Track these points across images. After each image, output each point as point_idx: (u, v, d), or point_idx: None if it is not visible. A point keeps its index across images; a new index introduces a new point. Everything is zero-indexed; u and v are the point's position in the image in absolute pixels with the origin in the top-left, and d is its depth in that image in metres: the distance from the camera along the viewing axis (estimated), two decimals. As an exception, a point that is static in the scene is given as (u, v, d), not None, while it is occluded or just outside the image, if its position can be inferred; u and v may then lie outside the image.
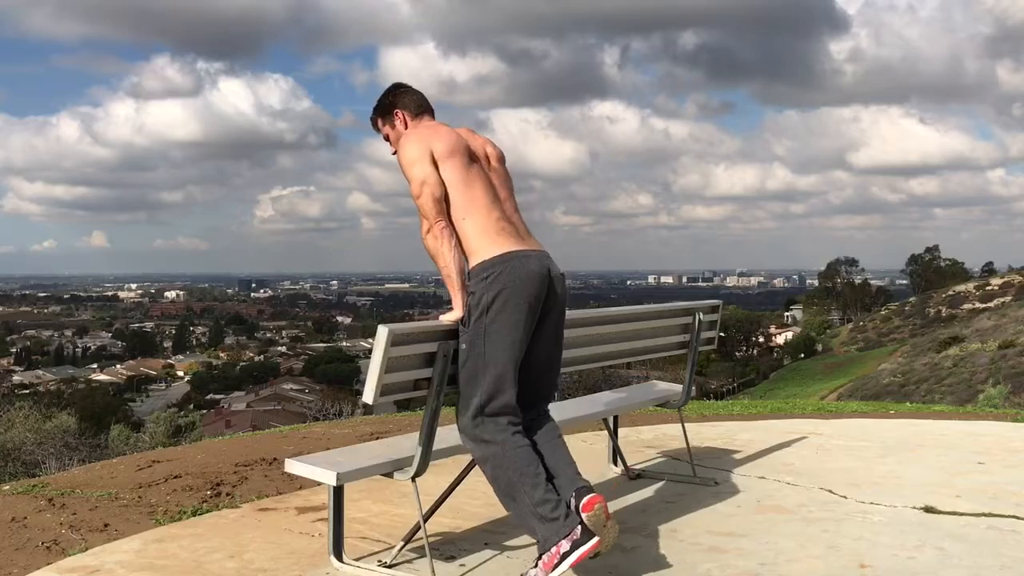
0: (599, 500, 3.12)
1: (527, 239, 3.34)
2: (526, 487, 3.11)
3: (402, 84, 3.58)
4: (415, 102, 3.50)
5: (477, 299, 3.18)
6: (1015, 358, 34.47)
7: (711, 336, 4.83)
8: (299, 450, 5.41)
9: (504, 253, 3.21)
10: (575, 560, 3.01)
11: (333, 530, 3.41)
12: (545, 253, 3.35)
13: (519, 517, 3.17)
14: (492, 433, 3.18)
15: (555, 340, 3.41)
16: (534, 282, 3.22)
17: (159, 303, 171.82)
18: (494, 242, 3.24)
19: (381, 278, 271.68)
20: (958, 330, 53.33)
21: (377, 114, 3.55)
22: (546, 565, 3.04)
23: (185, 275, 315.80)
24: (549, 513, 3.07)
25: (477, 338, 3.17)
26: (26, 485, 4.82)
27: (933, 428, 6.46)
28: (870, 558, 3.51)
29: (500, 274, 3.18)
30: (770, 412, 7.56)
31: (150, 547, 3.69)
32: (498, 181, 3.42)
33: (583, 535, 3.03)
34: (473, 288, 3.20)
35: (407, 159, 3.31)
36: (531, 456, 3.17)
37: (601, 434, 5.67)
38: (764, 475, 4.87)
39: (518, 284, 3.18)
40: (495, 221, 3.28)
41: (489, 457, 3.18)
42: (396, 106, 3.49)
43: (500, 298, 3.16)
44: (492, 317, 3.16)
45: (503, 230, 3.27)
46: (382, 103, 3.53)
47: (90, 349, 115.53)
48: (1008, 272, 79.17)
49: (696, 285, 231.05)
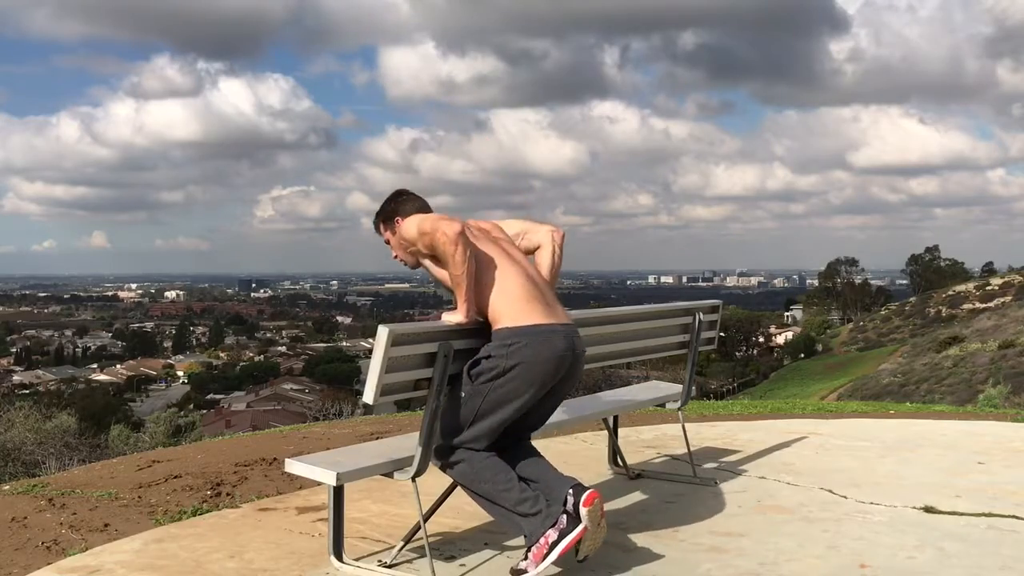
0: (597, 496, 3.17)
1: (555, 309, 3.33)
2: (501, 492, 3.20)
3: (404, 191, 3.57)
4: (416, 207, 3.50)
5: (493, 363, 3.19)
6: (1015, 358, 34.46)
7: (711, 336, 4.83)
8: (299, 450, 5.41)
9: (531, 325, 3.21)
10: (564, 548, 3.08)
11: (333, 530, 3.41)
12: (573, 329, 3.34)
13: (503, 519, 3.26)
14: (458, 456, 3.27)
15: (560, 399, 3.47)
16: (554, 362, 3.23)
17: (159, 303, 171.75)
18: (523, 310, 3.23)
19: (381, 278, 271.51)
20: (958, 330, 53.32)
21: (379, 219, 3.56)
22: (536, 556, 3.12)
23: (185, 275, 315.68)
24: (530, 510, 3.16)
25: (478, 395, 3.22)
26: (26, 485, 4.82)
27: (933, 428, 6.46)
28: (870, 558, 3.51)
29: (523, 347, 3.19)
30: (770, 412, 7.56)
31: (150, 547, 3.69)
32: (509, 247, 3.44)
33: (569, 524, 3.10)
34: (492, 351, 3.21)
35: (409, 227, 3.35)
36: (498, 464, 3.26)
37: (601, 434, 5.67)
38: (764, 475, 4.87)
39: (538, 362, 3.20)
40: (522, 285, 3.28)
41: (462, 476, 3.28)
42: (398, 213, 3.49)
43: (516, 371, 3.18)
44: (501, 384, 3.19)
45: (533, 298, 3.28)
46: (385, 209, 3.54)
47: (90, 349, 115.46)
48: (1008, 272, 79.14)
49: (696, 285, 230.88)
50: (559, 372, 3.27)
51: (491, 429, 3.24)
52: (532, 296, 3.28)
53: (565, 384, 3.37)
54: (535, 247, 3.61)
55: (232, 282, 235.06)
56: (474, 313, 3.26)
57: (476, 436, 3.25)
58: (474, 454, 3.25)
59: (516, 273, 3.30)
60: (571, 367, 3.31)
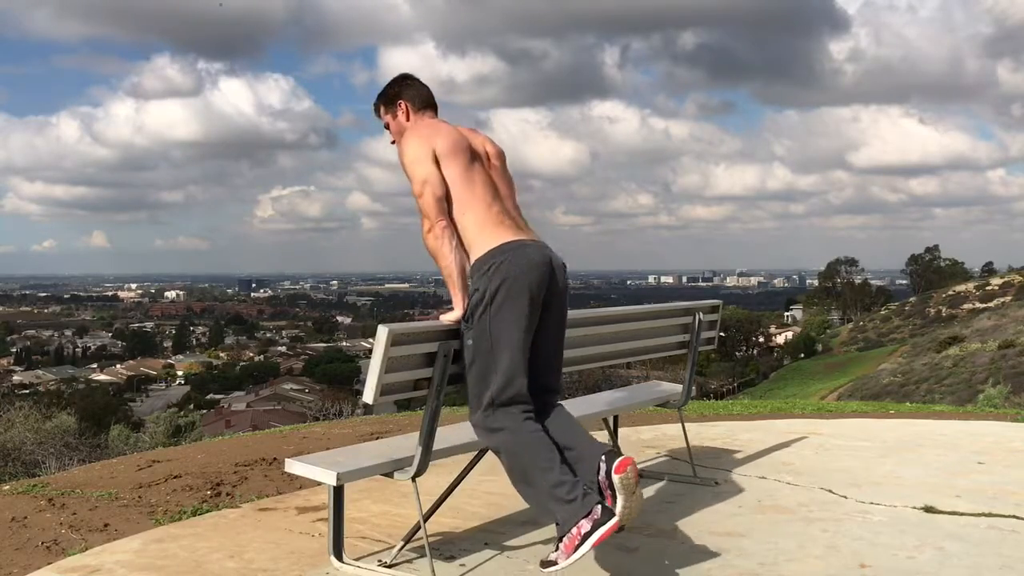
0: (630, 462, 3.08)
1: (526, 231, 3.34)
2: (541, 471, 3.07)
3: (409, 75, 3.56)
4: (420, 96, 3.49)
5: (481, 293, 3.16)
6: (1015, 358, 34.45)
7: (711, 336, 4.83)
8: (299, 450, 5.41)
9: (503, 243, 3.22)
10: (597, 540, 2.94)
11: (333, 530, 3.41)
12: (544, 244, 3.34)
13: (536, 501, 3.13)
14: (503, 421, 3.15)
15: (558, 329, 3.39)
16: (535, 270, 3.21)
17: (159, 303, 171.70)
18: (493, 234, 3.24)
19: (381, 278, 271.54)
20: (958, 330, 53.33)
21: (380, 102, 3.54)
22: (567, 547, 2.98)
23: (185, 275, 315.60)
24: (566, 495, 3.02)
25: (483, 332, 3.16)
26: (26, 485, 4.81)
27: (933, 428, 6.46)
28: (870, 558, 3.51)
29: (501, 264, 3.18)
30: (770, 412, 7.56)
31: (150, 547, 3.69)
32: (498, 178, 3.42)
33: (603, 514, 2.97)
34: (475, 283, 3.19)
35: (409, 158, 3.30)
36: (544, 441, 3.15)
37: (601, 434, 5.66)
38: (764, 475, 4.87)
39: (519, 273, 3.18)
40: (495, 215, 3.28)
41: (502, 444, 3.16)
42: (400, 97, 3.48)
43: (503, 289, 3.15)
44: (496, 309, 3.15)
45: (502, 223, 3.28)
46: (387, 92, 3.52)
47: (90, 349, 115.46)
48: (1008, 272, 79.13)
49: (696, 285, 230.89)
50: (543, 280, 3.23)
51: (514, 359, 3.15)
52: (501, 220, 3.28)
53: (555, 299, 3.31)
54: None
55: (232, 282, 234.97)
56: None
57: (507, 375, 3.14)
58: (520, 423, 3.15)
59: (493, 204, 3.30)
60: (553, 278, 3.28)
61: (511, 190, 3.48)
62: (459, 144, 3.32)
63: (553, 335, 3.37)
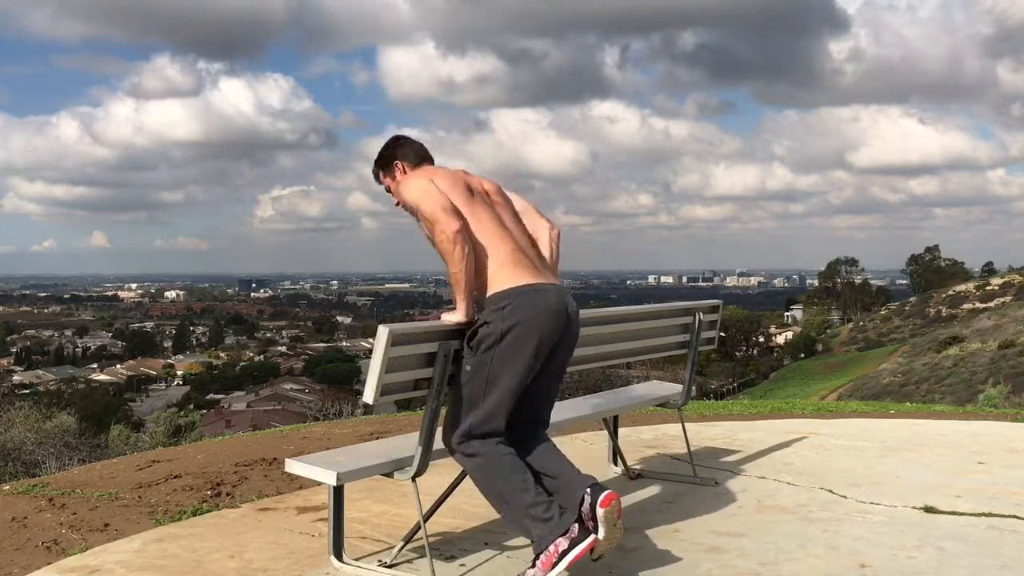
0: (615, 497, 3.13)
1: (544, 271, 3.32)
2: (516, 492, 3.14)
3: (402, 136, 3.58)
4: (414, 152, 3.50)
5: (490, 329, 3.16)
6: (1015, 358, 34.47)
7: (711, 336, 4.83)
8: (299, 450, 5.41)
9: (522, 285, 3.20)
10: (574, 557, 3.02)
11: (333, 530, 3.41)
12: (563, 287, 3.33)
13: (512, 520, 3.20)
14: (477, 448, 3.21)
15: (561, 370, 3.43)
16: (551, 318, 3.21)
17: (159, 303, 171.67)
18: (512, 273, 3.22)
19: (381, 278, 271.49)
20: (958, 330, 53.35)
21: (378, 167, 3.55)
22: (544, 564, 3.05)
23: (185, 275, 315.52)
24: (542, 514, 3.09)
25: (483, 366, 3.18)
26: (26, 485, 4.81)
27: (933, 428, 6.46)
28: (870, 558, 3.51)
29: (517, 307, 3.17)
30: (770, 412, 7.56)
31: (150, 547, 3.69)
32: (503, 212, 3.41)
33: (580, 533, 3.05)
34: (487, 318, 3.18)
35: (414, 194, 3.30)
36: (516, 463, 3.21)
37: (601, 434, 5.67)
38: (764, 475, 4.87)
39: (534, 319, 3.18)
40: (510, 252, 3.26)
41: (475, 468, 3.23)
42: (395, 158, 3.48)
43: (514, 331, 3.15)
44: (502, 349, 3.16)
45: (520, 261, 3.26)
46: (382, 155, 3.53)
47: (90, 349, 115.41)
48: (1008, 272, 79.17)
49: (696, 285, 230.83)
50: (557, 329, 3.24)
51: (502, 401, 3.18)
52: (521, 260, 3.26)
53: (564, 345, 3.33)
54: None
55: (232, 282, 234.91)
56: (474, 313, 3.25)
57: (490, 412, 3.18)
58: (492, 448, 3.19)
59: (506, 238, 3.28)
60: (567, 325, 3.29)
61: (518, 221, 3.45)
62: (457, 182, 3.32)
63: (555, 375, 3.41)
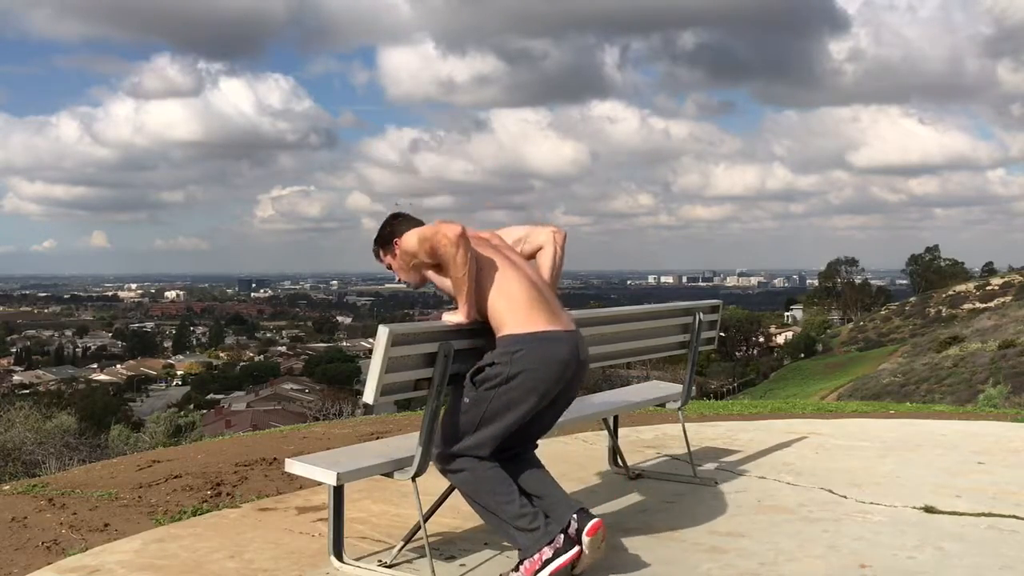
0: (602, 526, 3.19)
1: (559, 315, 3.30)
2: (501, 505, 3.20)
3: (400, 214, 3.56)
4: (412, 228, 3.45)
5: (496, 371, 3.17)
6: (1015, 358, 34.45)
7: (711, 336, 4.83)
8: (299, 450, 5.41)
9: (536, 332, 3.19)
10: (557, 567, 3.10)
11: (333, 530, 3.41)
12: (578, 335, 3.32)
13: (498, 529, 3.26)
14: (463, 464, 3.26)
15: (561, 411, 3.45)
16: (559, 368, 3.22)
17: (159, 303, 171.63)
18: (527, 317, 3.21)
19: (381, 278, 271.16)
20: (958, 330, 53.33)
21: (378, 246, 3.54)
22: (528, 570, 3.13)
23: (185, 275, 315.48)
24: (528, 525, 3.16)
25: (482, 402, 3.20)
26: (26, 485, 4.82)
27: (933, 428, 6.46)
28: (870, 558, 3.51)
29: (528, 354, 3.17)
30: (770, 412, 7.56)
31: (150, 547, 3.69)
32: (515, 256, 3.41)
33: (566, 543, 3.12)
34: (496, 359, 3.19)
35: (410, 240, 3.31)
36: (500, 475, 3.25)
37: (601, 434, 5.67)
38: (764, 475, 4.87)
39: (543, 369, 3.18)
40: (526, 292, 3.25)
41: (462, 482, 3.28)
42: (395, 235, 3.47)
43: (520, 378, 3.17)
44: (504, 392, 3.18)
45: (535, 305, 3.24)
46: (381, 234, 3.52)
47: (90, 349, 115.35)
48: (1008, 272, 79.16)
49: (696, 285, 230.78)
50: (563, 379, 3.25)
51: (494, 436, 3.22)
52: (535, 302, 3.25)
53: (569, 391, 3.36)
54: (537, 249, 3.58)
55: (232, 282, 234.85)
56: (475, 314, 3.25)
57: (479, 443, 3.23)
58: (477, 463, 3.23)
59: (518, 278, 3.27)
60: (575, 374, 3.30)
61: (532, 267, 3.45)
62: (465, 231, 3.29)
63: (557, 411, 3.43)
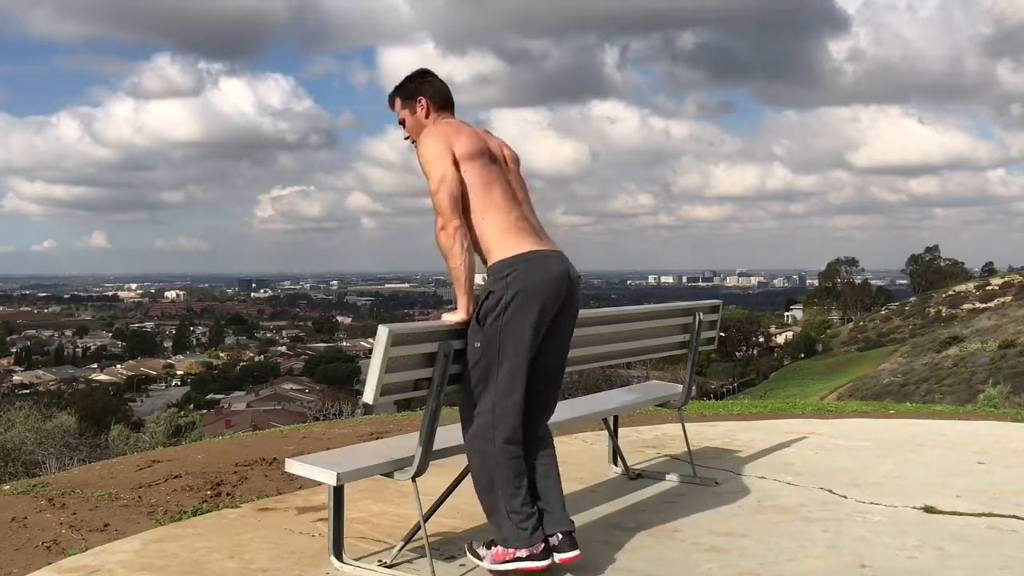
0: (577, 559, 3.23)
1: (545, 239, 3.34)
2: (506, 492, 3.19)
3: (429, 71, 3.48)
4: (440, 94, 3.42)
5: (496, 298, 3.17)
6: (1015, 358, 34.46)
7: (711, 336, 4.83)
8: (299, 450, 5.41)
9: (524, 252, 3.21)
10: (523, 568, 3.15)
11: (333, 530, 3.41)
12: (563, 255, 3.34)
13: (490, 510, 3.25)
14: (492, 431, 3.21)
15: (564, 345, 3.42)
16: (553, 283, 3.22)
17: (159, 303, 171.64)
18: (514, 241, 3.23)
19: (381, 278, 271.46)
20: (958, 330, 53.35)
21: (399, 95, 3.45)
22: (497, 556, 3.19)
23: (185, 275, 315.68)
24: (520, 523, 3.17)
25: (493, 336, 3.17)
26: (26, 485, 4.81)
27: (933, 428, 6.46)
28: (870, 558, 3.51)
29: (520, 273, 3.18)
30: (770, 412, 7.56)
31: (150, 547, 3.69)
32: (516, 183, 3.40)
33: (542, 553, 3.16)
34: (491, 287, 3.19)
35: (427, 155, 3.26)
36: (519, 467, 3.24)
37: (601, 434, 5.67)
38: (764, 475, 4.87)
39: (537, 284, 3.18)
40: (514, 221, 3.27)
41: (479, 451, 3.23)
42: (421, 93, 3.40)
43: (519, 297, 3.16)
44: (510, 316, 3.16)
45: (522, 229, 3.27)
46: (406, 86, 3.43)
47: (90, 349, 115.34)
48: (1008, 272, 79.21)
49: (696, 285, 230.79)
50: (560, 293, 3.25)
51: (516, 373, 3.18)
52: (524, 229, 3.27)
53: (567, 313, 3.33)
54: None
55: (232, 282, 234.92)
56: (473, 308, 3.26)
57: (508, 385, 3.18)
58: (503, 448, 3.19)
59: (512, 208, 3.28)
60: (569, 291, 3.29)
61: (527, 194, 3.46)
62: (479, 147, 3.29)
63: (560, 347, 3.39)
